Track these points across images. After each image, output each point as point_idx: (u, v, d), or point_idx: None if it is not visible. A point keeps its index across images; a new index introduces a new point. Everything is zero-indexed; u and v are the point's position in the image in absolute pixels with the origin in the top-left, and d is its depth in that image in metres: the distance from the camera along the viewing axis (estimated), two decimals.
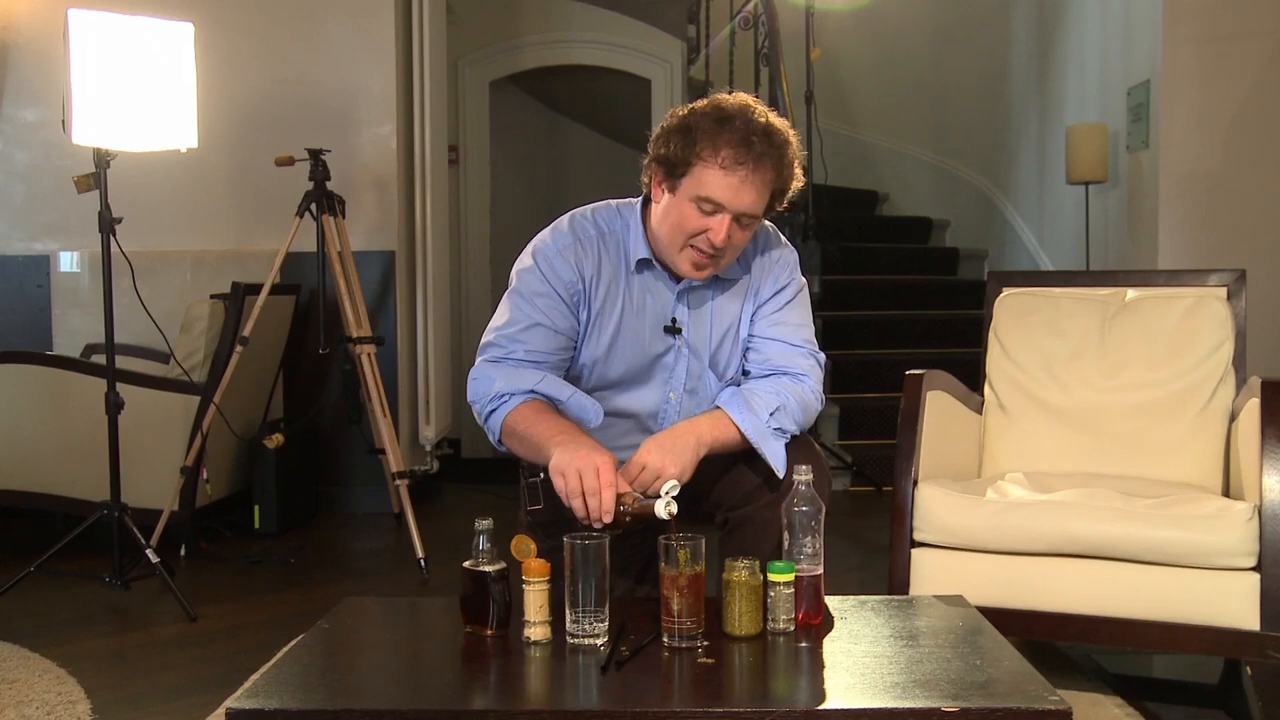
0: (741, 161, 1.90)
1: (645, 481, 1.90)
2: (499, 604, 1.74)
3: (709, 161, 1.92)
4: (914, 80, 7.34)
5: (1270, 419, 2.26)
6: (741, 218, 1.94)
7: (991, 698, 1.48)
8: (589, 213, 2.10)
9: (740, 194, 1.92)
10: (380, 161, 4.69)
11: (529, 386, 1.98)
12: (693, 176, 1.93)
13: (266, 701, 1.49)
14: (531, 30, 6.59)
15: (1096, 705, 2.38)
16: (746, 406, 2.00)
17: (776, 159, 1.93)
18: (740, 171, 1.91)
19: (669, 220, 1.98)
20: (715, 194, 1.92)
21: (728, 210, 1.92)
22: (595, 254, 2.04)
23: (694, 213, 1.94)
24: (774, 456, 1.98)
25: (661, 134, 1.99)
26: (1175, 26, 4.53)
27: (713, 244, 1.94)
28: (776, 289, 2.12)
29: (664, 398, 2.11)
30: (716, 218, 1.93)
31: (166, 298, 4.22)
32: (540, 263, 2.04)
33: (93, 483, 3.58)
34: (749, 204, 1.93)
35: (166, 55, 3.29)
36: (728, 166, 1.91)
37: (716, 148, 1.91)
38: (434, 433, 4.86)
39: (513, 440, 1.98)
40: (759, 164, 1.91)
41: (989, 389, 2.88)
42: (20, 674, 2.68)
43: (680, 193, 1.95)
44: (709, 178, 1.92)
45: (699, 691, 1.59)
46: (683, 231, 1.96)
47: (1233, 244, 4.45)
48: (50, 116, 4.15)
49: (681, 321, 2.08)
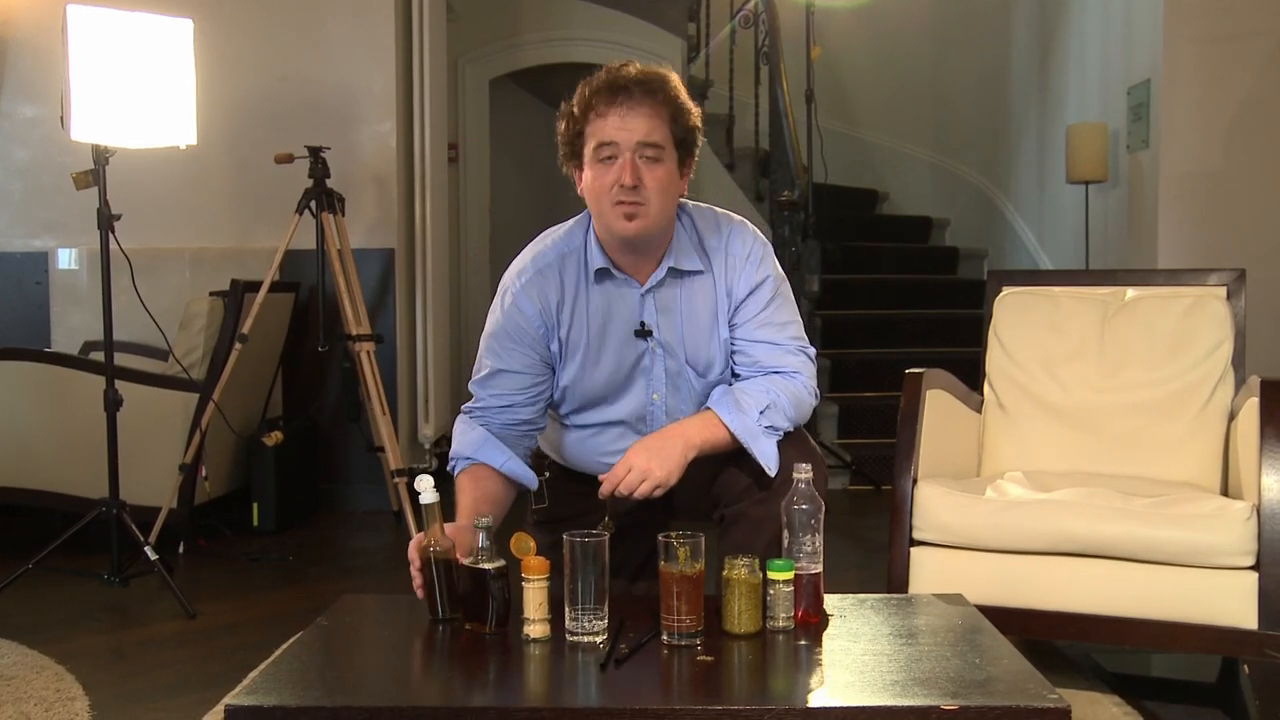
0: (614, 98, 1.96)
1: (632, 483, 1.93)
2: (498, 601, 1.74)
3: (590, 117, 1.98)
4: (914, 79, 7.34)
5: (1269, 418, 2.26)
6: (643, 150, 1.95)
7: (990, 696, 1.48)
8: (548, 240, 2.12)
9: (625, 126, 1.95)
10: (380, 159, 4.68)
11: (468, 454, 2.08)
12: (586, 139, 1.99)
13: (265, 698, 1.49)
14: (531, 28, 6.59)
15: (1094, 704, 2.38)
16: (736, 406, 2.00)
17: (650, 90, 1.97)
18: (617, 109, 1.95)
19: (591, 194, 2.01)
20: (604, 136, 1.96)
21: (622, 147, 1.95)
22: (557, 279, 2.06)
23: (601, 169, 1.97)
24: (764, 455, 1.98)
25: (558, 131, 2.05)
26: (1176, 26, 4.53)
27: (624, 184, 1.94)
28: (751, 287, 2.09)
29: (647, 400, 2.11)
30: (618, 161, 1.95)
31: (165, 295, 4.21)
32: (506, 303, 2.08)
33: (91, 480, 3.57)
34: (639, 133, 1.95)
35: (166, 52, 3.29)
36: (603, 111, 1.96)
37: (589, 101, 1.98)
38: (433, 430, 4.86)
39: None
40: (631, 95, 1.96)
41: (988, 388, 2.87)
42: (19, 671, 2.68)
43: (586, 161, 2.00)
44: (594, 129, 1.97)
45: (698, 689, 1.59)
46: (601, 191, 1.98)
47: (1232, 244, 4.45)
48: (49, 113, 4.14)
49: (651, 323, 2.07)
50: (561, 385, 2.11)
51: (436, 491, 1.81)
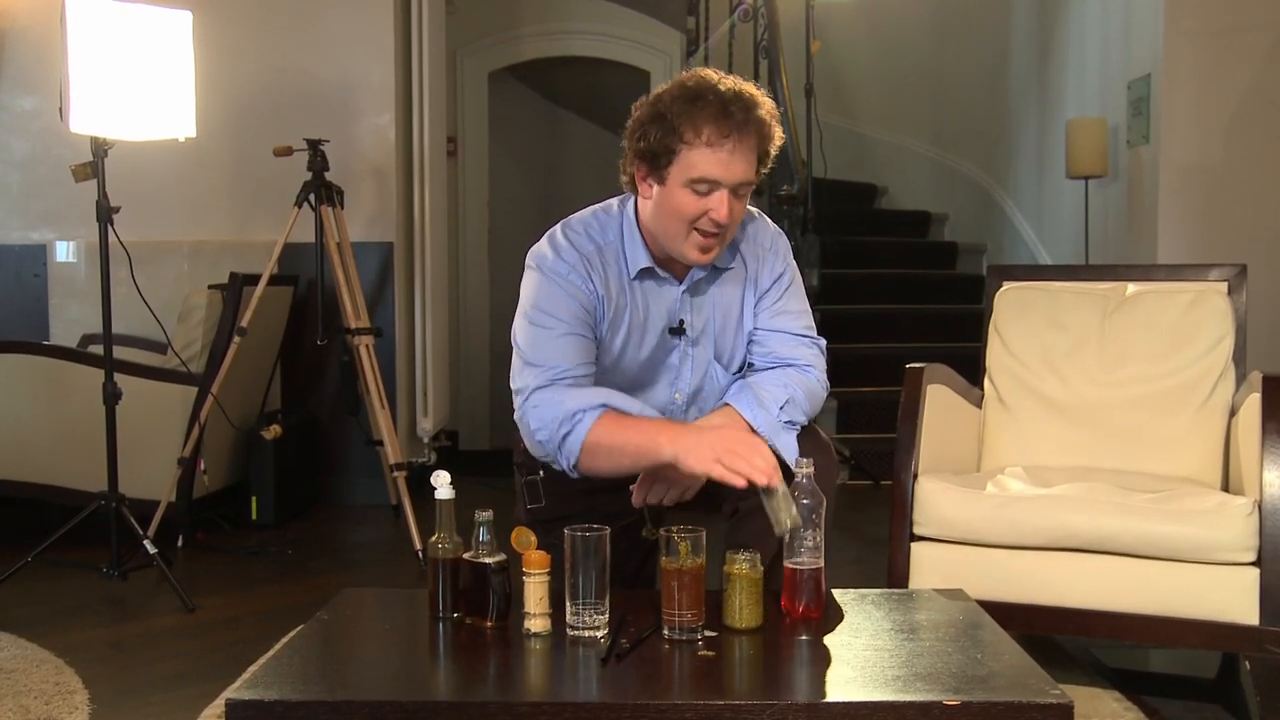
0: (726, 134, 1.88)
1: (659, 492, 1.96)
2: (499, 596, 1.73)
3: (692, 143, 1.89)
4: (914, 73, 7.33)
5: (1271, 414, 2.26)
6: (738, 188, 1.93)
7: (993, 691, 1.48)
8: (579, 227, 2.04)
9: (732, 166, 1.90)
10: (379, 152, 4.67)
11: (601, 400, 1.92)
12: (680, 162, 1.90)
13: (266, 693, 1.48)
14: (530, 21, 6.57)
15: (1095, 699, 2.38)
16: (757, 402, 2.00)
17: (758, 123, 1.91)
18: (727, 144, 1.88)
19: (666, 212, 1.95)
20: (708, 173, 1.89)
21: (724, 185, 1.90)
22: (600, 269, 2.01)
23: (690, 198, 1.91)
24: (787, 450, 1.97)
25: (636, 127, 1.95)
26: (1176, 20, 4.52)
27: (716, 222, 1.91)
28: (774, 277, 2.11)
29: (669, 399, 2.10)
30: (714, 196, 1.90)
31: (164, 288, 4.20)
32: (555, 278, 1.99)
33: (90, 473, 3.57)
34: (742, 173, 1.91)
35: (165, 44, 3.28)
36: (713, 143, 1.88)
37: (697, 127, 1.88)
38: (432, 424, 4.85)
39: (599, 455, 1.90)
40: (742, 131, 1.89)
41: (989, 383, 2.87)
42: (18, 664, 2.68)
43: (671, 181, 1.92)
44: (697, 158, 1.89)
45: (699, 684, 1.59)
46: (683, 219, 1.93)
47: (1233, 239, 4.44)
48: (47, 105, 4.13)
49: (687, 322, 2.06)
50: (600, 366, 2.06)
51: (453, 488, 1.79)
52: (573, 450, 1.91)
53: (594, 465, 1.92)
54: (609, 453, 1.89)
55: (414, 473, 4.13)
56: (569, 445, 1.91)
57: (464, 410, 6.38)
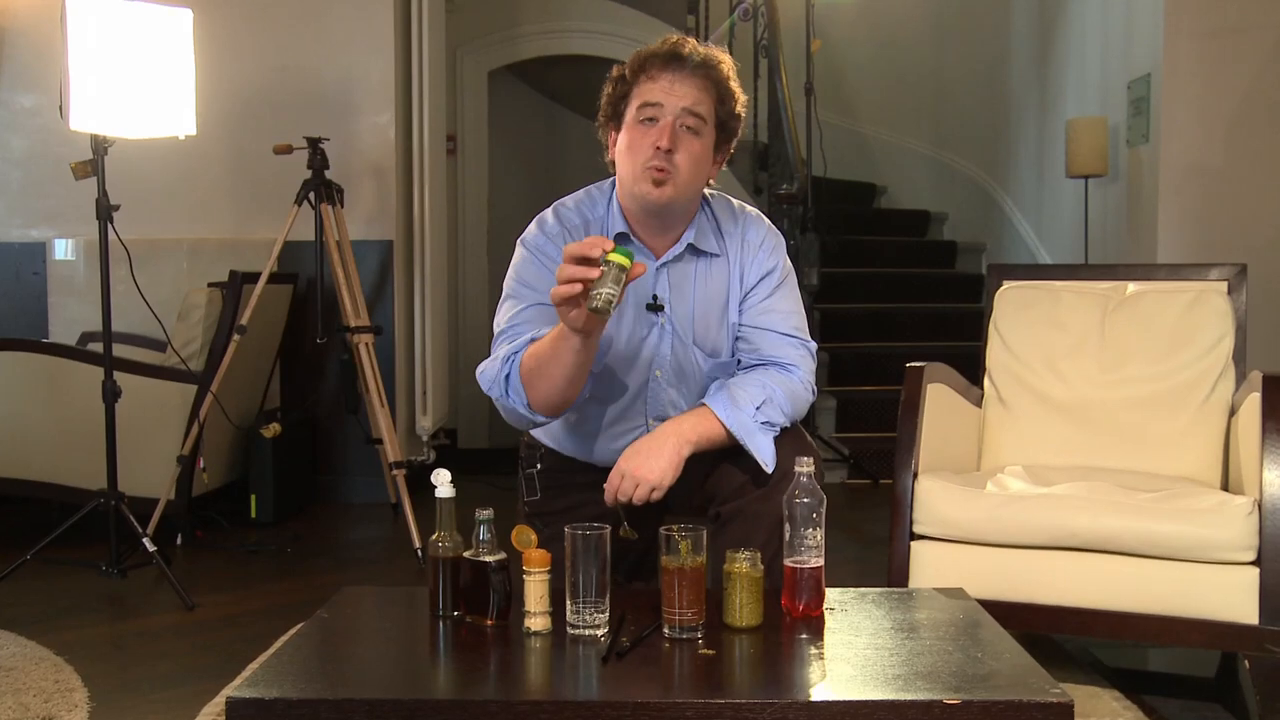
0: (668, 65, 1.97)
1: (626, 491, 1.93)
2: (499, 594, 1.73)
3: (641, 80, 1.99)
4: (914, 73, 7.33)
5: (1271, 413, 2.26)
6: (685, 118, 1.96)
7: (993, 690, 1.48)
8: (571, 203, 2.11)
9: (674, 90, 1.96)
10: (378, 150, 4.67)
11: (529, 335, 1.97)
12: (631, 100, 2.00)
13: (267, 691, 1.48)
14: (530, 20, 6.57)
15: (1094, 698, 2.38)
16: (731, 402, 1.99)
17: (706, 65, 1.98)
18: (667, 75, 1.96)
19: (624, 155, 2.01)
20: (650, 97, 1.96)
21: (667, 111, 1.95)
22: (582, 237, 2.02)
23: (640, 131, 1.97)
24: (760, 451, 1.97)
25: (604, 92, 2.05)
26: (1176, 20, 4.52)
27: (659, 147, 1.94)
28: (763, 274, 2.10)
29: (649, 376, 2.09)
30: (660, 124, 1.95)
31: (163, 286, 4.20)
32: (534, 251, 2.05)
33: (89, 471, 3.57)
34: (686, 100, 1.96)
35: (165, 41, 3.27)
36: (656, 74, 1.97)
37: (645, 67, 1.98)
38: (431, 423, 4.85)
39: (536, 378, 1.91)
40: (685, 64, 1.97)
41: (989, 382, 2.87)
42: (17, 662, 2.68)
43: (626, 121, 2.00)
44: (643, 89, 1.98)
45: (699, 683, 1.58)
46: (637, 152, 1.97)
47: (1233, 238, 4.45)
48: (47, 102, 4.13)
49: (663, 298, 2.06)
50: None
51: (453, 486, 1.79)
52: (518, 388, 1.94)
53: (541, 391, 1.92)
54: (541, 368, 1.90)
55: (413, 471, 4.13)
56: (513, 385, 1.94)
57: (463, 408, 6.38)
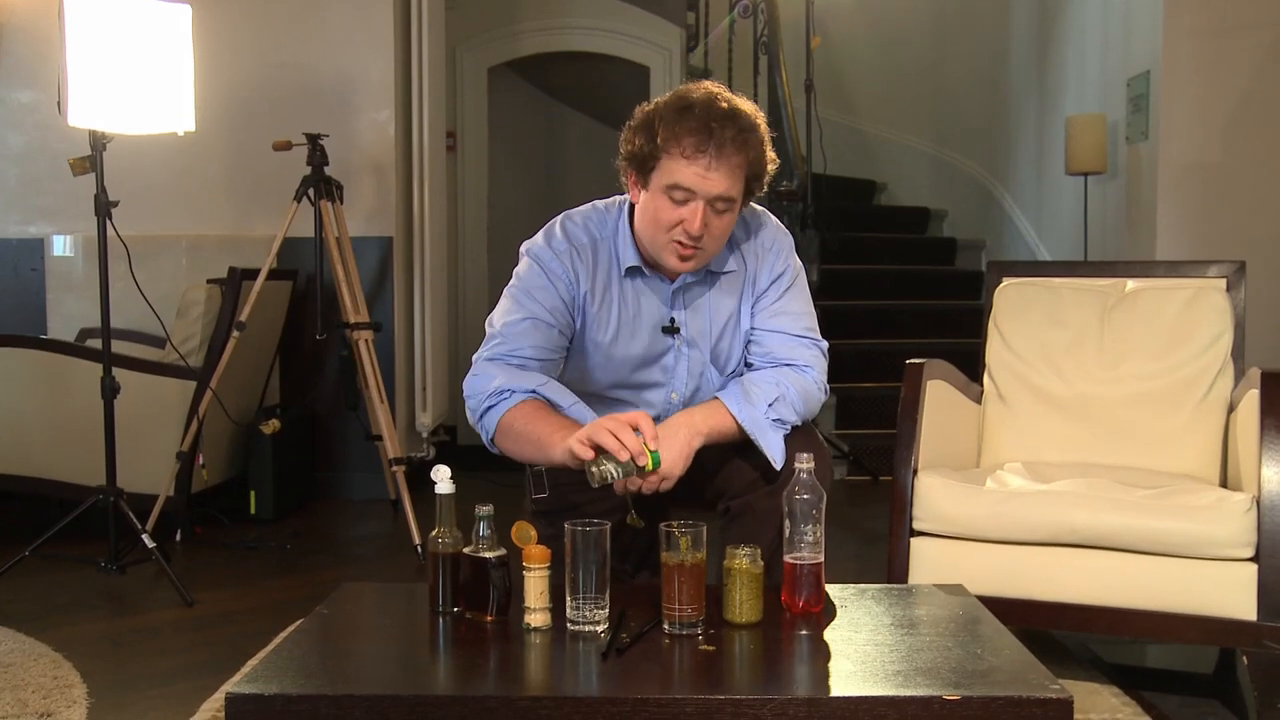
0: (703, 148, 1.90)
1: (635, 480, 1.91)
2: (499, 590, 1.73)
3: (673, 152, 1.91)
4: (914, 69, 7.33)
5: (1269, 410, 2.26)
6: (716, 203, 1.93)
7: (993, 686, 1.48)
8: (579, 219, 2.09)
9: (708, 179, 1.91)
10: (378, 147, 4.67)
11: (531, 386, 1.97)
12: (661, 169, 1.93)
13: (266, 687, 1.48)
14: (530, 16, 6.56)
15: (1093, 694, 2.38)
16: (744, 397, 1.99)
17: (741, 142, 1.92)
18: (703, 158, 1.90)
19: (647, 216, 1.98)
20: (683, 181, 1.91)
21: (699, 197, 1.92)
22: (589, 260, 2.05)
23: (667, 204, 1.94)
24: (771, 448, 1.97)
25: (628, 132, 1.99)
26: (1176, 17, 4.52)
27: (689, 233, 1.93)
28: (774, 277, 2.11)
29: (665, 399, 2.11)
30: (689, 206, 1.92)
31: (162, 282, 4.20)
32: (539, 263, 2.04)
33: (88, 467, 3.57)
34: (719, 188, 1.92)
35: (164, 37, 3.27)
36: (690, 155, 1.90)
37: (678, 137, 1.91)
38: (431, 419, 4.85)
39: (509, 438, 1.96)
40: (722, 148, 1.90)
41: (988, 379, 2.87)
42: (16, 658, 2.68)
43: (653, 187, 1.96)
44: (675, 167, 1.91)
45: (699, 679, 1.59)
46: (661, 225, 1.96)
47: (1232, 235, 4.45)
48: (45, 98, 4.13)
49: (680, 321, 2.07)
50: (578, 368, 2.08)
51: (453, 483, 1.79)
52: (490, 426, 1.97)
53: (506, 446, 1.98)
54: (516, 438, 1.94)
55: (413, 467, 4.13)
56: (488, 420, 1.97)
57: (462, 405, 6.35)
